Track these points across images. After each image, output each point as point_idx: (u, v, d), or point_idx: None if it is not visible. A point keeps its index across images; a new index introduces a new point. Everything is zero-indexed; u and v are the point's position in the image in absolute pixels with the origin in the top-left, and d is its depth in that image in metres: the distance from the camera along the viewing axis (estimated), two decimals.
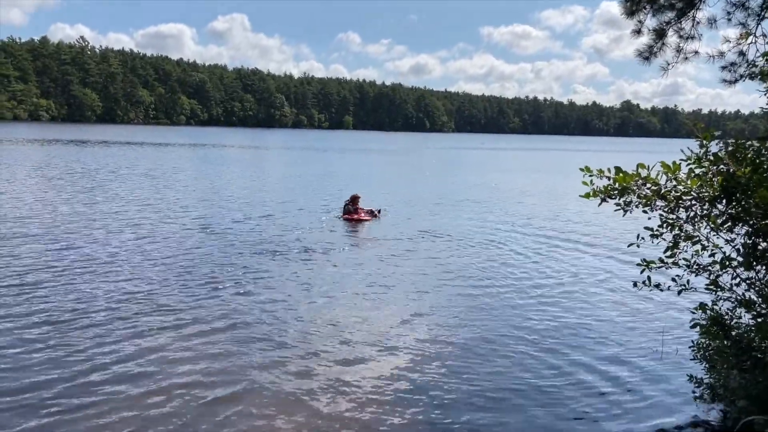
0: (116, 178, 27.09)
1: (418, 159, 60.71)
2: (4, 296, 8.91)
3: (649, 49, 7.78)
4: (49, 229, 14.28)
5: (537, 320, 8.87)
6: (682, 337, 7.85)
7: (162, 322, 8.10)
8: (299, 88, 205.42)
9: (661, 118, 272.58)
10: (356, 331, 8.12)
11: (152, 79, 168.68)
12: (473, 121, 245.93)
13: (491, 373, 6.89)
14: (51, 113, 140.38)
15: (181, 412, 5.72)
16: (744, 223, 4.85)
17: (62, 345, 7.16)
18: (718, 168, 4.76)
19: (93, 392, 6.04)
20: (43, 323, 7.85)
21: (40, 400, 5.84)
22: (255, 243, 13.71)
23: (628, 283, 6.12)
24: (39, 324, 7.82)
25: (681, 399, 6.27)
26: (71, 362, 6.70)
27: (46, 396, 5.92)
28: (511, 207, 22.70)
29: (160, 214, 17.36)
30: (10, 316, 8.04)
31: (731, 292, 5.17)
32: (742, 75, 7.52)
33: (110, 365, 6.68)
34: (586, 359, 7.42)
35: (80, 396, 5.95)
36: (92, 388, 6.13)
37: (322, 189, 26.71)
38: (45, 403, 5.77)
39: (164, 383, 6.30)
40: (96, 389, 6.10)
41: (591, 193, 4.94)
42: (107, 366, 6.65)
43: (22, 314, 8.16)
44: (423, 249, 13.92)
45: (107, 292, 9.34)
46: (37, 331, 7.55)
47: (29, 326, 7.72)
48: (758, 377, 4.79)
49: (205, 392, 6.15)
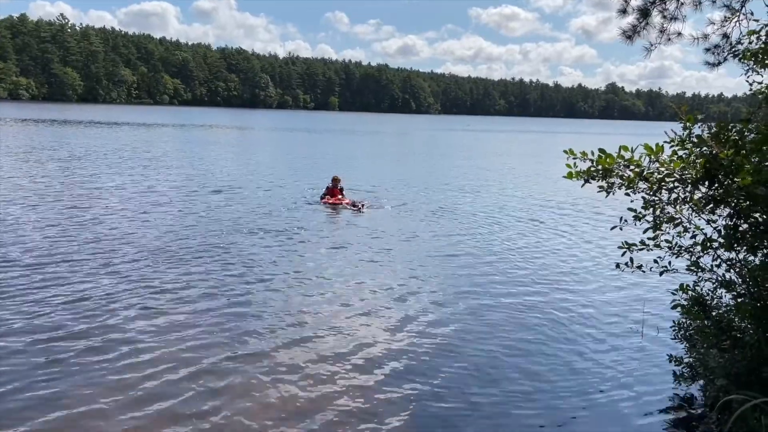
0: (100, 160, 26.74)
1: (411, 141, 60.58)
2: None
3: (633, 29, 7.77)
4: (27, 213, 14.10)
5: (518, 300, 8.93)
6: (663, 317, 7.94)
7: (140, 300, 8.06)
8: (284, 68, 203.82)
9: (646, 101, 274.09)
10: (340, 306, 8.14)
11: (135, 58, 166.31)
12: (459, 103, 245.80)
13: (472, 350, 6.94)
14: (31, 92, 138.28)
15: (165, 390, 5.71)
16: (726, 205, 4.89)
17: (45, 325, 7.11)
18: (701, 150, 4.79)
19: (75, 370, 6.00)
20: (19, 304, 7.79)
21: (26, 378, 5.81)
22: (236, 224, 13.61)
23: (611, 264, 6.18)
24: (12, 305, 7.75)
25: (661, 378, 6.36)
26: (52, 341, 6.66)
27: (29, 371, 5.89)
28: (499, 189, 22.76)
29: (144, 197, 17.21)
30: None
31: (712, 273, 5.23)
32: (726, 57, 7.55)
33: (97, 347, 6.64)
34: (566, 339, 7.48)
35: (59, 374, 5.91)
36: (73, 365, 6.10)
37: (308, 171, 26.55)
38: (29, 380, 5.74)
39: (145, 360, 6.28)
40: (77, 368, 6.07)
41: (573, 174, 4.95)
42: (91, 346, 6.61)
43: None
44: (407, 229, 13.93)
45: (91, 273, 9.25)
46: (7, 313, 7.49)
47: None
48: (737, 356, 4.87)
49: (190, 372, 6.13)
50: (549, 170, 30.59)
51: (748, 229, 4.89)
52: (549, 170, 30.59)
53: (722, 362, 4.91)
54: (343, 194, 17.26)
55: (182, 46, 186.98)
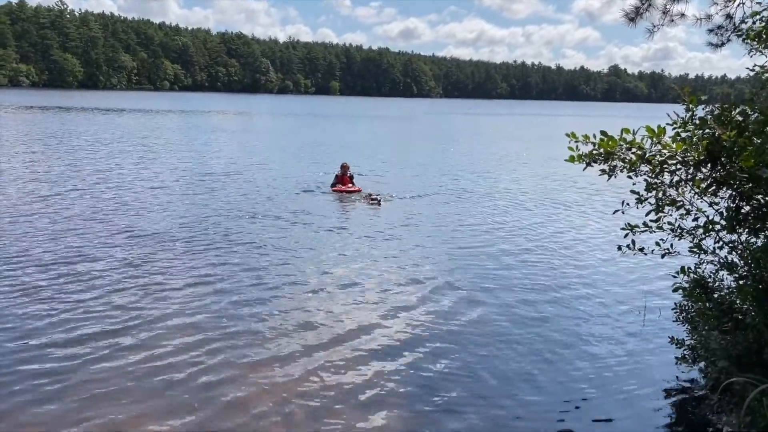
0: (105, 147, 26.73)
1: (415, 126, 60.35)
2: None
3: (636, 10, 7.67)
4: (29, 204, 14.12)
5: (521, 283, 8.96)
6: (665, 300, 7.94)
7: (147, 284, 8.10)
8: (285, 52, 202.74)
9: (648, 83, 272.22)
10: (347, 293, 8.17)
11: (134, 44, 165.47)
12: (460, 87, 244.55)
13: (475, 328, 6.97)
14: (31, 78, 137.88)
15: (166, 380, 5.75)
16: (728, 187, 4.88)
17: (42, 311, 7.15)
18: (704, 132, 4.76)
19: (76, 358, 6.05)
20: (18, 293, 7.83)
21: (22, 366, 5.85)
22: (246, 211, 13.63)
23: (613, 247, 6.17)
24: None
25: (662, 360, 6.37)
26: (49, 327, 6.71)
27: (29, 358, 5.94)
28: (506, 172, 22.72)
29: (149, 183, 17.22)
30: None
31: (714, 255, 5.23)
32: (729, 38, 7.47)
33: (96, 335, 6.68)
34: (566, 322, 7.50)
35: (61, 360, 5.96)
36: (76, 354, 6.14)
37: (315, 158, 26.39)
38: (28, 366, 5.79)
39: (150, 349, 6.32)
40: (76, 355, 6.11)
41: (576, 157, 4.93)
42: (91, 334, 6.65)
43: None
44: (426, 216, 13.89)
45: (97, 255, 9.29)
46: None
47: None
48: (739, 338, 4.88)
49: (193, 360, 6.17)
50: (558, 153, 30.50)
51: (751, 211, 4.88)
52: (558, 153, 30.50)
53: (724, 344, 4.92)
54: (353, 182, 16.84)
55: (182, 31, 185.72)
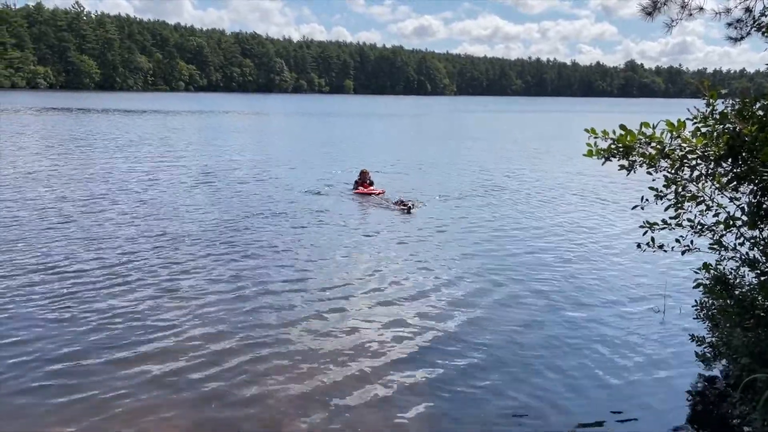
0: (122, 147, 26.99)
1: (433, 124, 60.23)
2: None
3: (653, 4, 7.59)
4: (52, 201, 14.29)
5: (542, 279, 8.96)
6: (685, 297, 7.87)
7: (167, 282, 8.19)
8: (299, 52, 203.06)
9: (666, 78, 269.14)
10: (367, 291, 8.19)
11: (150, 45, 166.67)
12: (475, 84, 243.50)
13: (495, 325, 6.95)
14: (49, 81, 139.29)
15: (185, 372, 5.80)
16: (749, 182, 4.81)
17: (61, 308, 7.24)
18: (724, 127, 4.70)
19: (92, 354, 6.11)
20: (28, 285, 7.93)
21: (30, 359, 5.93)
22: (270, 210, 13.74)
23: (632, 245, 6.12)
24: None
25: (683, 358, 6.32)
26: (64, 323, 6.78)
27: (41, 355, 6.01)
28: (525, 169, 22.62)
29: (164, 183, 17.40)
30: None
31: (735, 251, 5.16)
32: (749, 32, 7.36)
33: (116, 327, 6.75)
34: (589, 319, 7.46)
35: (75, 357, 6.03)
36: (91, 350, 6.21)
37: (334, 157, 26.31)
38: (38, 363, 5.86)
39: (168, 345, 6.38)
40: (93, 352, 6.18)
41: (594, 152, 4.90)
42: (110, 329, 6.72)
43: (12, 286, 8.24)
44: (462, 218, 13.89)
45: (113, 251, 9.39)
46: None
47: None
48: (761, 335, 4.81)
49: (213, 356, 6.22)
50: (581, 149, 30.32)
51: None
52: (581, 149, 30.32)
53: (745, 341, 4.85)
54: (366, 185, 16.76)
55: (197, 31, 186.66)
